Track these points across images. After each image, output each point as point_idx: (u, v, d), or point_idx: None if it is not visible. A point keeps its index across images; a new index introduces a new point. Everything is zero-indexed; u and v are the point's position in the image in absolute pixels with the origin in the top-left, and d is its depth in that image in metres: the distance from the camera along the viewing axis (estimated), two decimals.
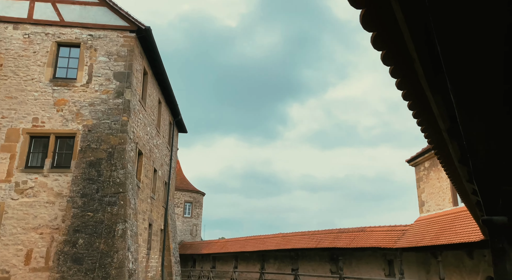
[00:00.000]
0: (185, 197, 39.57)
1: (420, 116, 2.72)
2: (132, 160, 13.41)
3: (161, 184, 19.14)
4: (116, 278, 10.77)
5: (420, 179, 19.75)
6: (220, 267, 33.30)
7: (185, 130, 24.14)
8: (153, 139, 17.09)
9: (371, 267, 21.24)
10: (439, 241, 14.94)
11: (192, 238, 39.01)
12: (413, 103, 2.52)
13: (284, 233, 27.57)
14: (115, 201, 11.86)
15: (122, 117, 13.08)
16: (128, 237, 11.60)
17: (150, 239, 16.42)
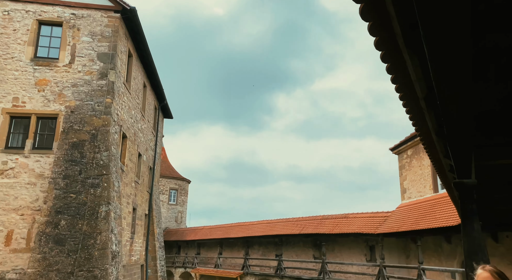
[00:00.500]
0: (171, 184, 39.45)
1: (398, 81, 2.77)
2: (116, 142, 13.27)
3: (146, 169, 19.03)
4: (99, 259, 10.74)
5: (403, 167, 20.13)
6: (205, 253, 33.51)
7: (171, 115, 23.95)
8: (137, 123, 16.92)
9: (353, 253, 21.69)
10: (419, 226, 15.33)
11: (177, 225, 39.05)
12: (392, 66, 2.57)
13: (269, 220, 27.85)
14: (99, 183, 11.76)
15: (106, 99, 12.89)
16: (111, 219, 11.55)
17: (134, 223, 16.37)
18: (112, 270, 11.03)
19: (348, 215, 21.74)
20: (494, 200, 6.26)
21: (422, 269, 14.83)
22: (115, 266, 11.32)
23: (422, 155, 17.93)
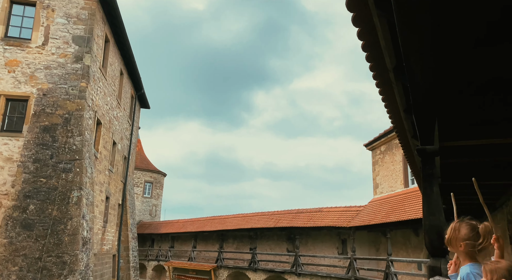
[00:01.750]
0: (146, 177, 38.91)
1: (369, 48, 2.88)
2: (90, 128, 12.99)
3: (120, 158, 18.71)
4: (69, 245, 10.53)
5: (376, 162, 20.64)
6: (179, 246, 33.28)
7: (148, 105, 23.61)
8: (113, 110, 16.61)
9: (325, 246, 22.09)
10: (389, 219, 15.78)
11: (151, 218, 38.59)
12: (362, 30, 2.67)
13: (244, 214, 27.95)
14: (71, 168, 11.50)
15: (80, 83, 12.60)
16: (83, 205, 11.32)
17: (107, 212, 16.09)
18: (83, 257, 10.83)
19: (322, 209, 22.11)
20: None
21: (390, 261, 15.29)
22: (85, 252, 11.11)
23: (395, 151, 18.45)
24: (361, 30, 2.65)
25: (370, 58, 3.01)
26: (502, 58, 2.91)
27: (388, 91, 3.58)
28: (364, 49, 2.90)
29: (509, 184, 6.45)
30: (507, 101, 3.65)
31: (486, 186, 6.75)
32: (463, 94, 3.25)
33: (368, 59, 3.04)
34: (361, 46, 2.87)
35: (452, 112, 3.51)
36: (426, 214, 2.83)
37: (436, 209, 2.71)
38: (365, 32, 2.65)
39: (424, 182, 2.89)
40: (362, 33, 2.67)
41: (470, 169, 5.89)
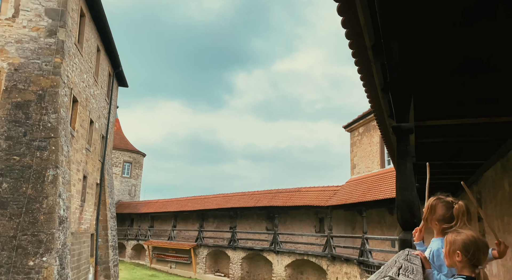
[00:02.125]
0: (124, 157, 38.43)
1: (349, 25, 2.87)
2: (65, 105, 12.61)
3: (98, 137, 18.35)
4: (45, 223, 10.37)
5: (354, 143, 21.01)
6: (159, 226, 33.36)
7: (126, 84, 23.06)
8: (90, 88, 16.15)
9: (303, 224, 22.61)
10: (365, 198, 16.23)
11: (131, 198, 38.37)
12: (342, 6, 2.65)
13: (224, 194, 28.15)
14: (46, 146, 11.20)
15: (54, 58, 12.12)
16: (59, 184, 11.11)
17: (84, 191, 15.87)
18: (59, 235, 10.71)
19: (301, 189, 22.50)
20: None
21: (365, 238, 15.81)
22: (62, 231, 10.99)
23: (373, 132, 18.79)
24: (341, 5, 2.64)
25: (349, 35, 3.01)
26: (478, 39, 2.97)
27: (366, 69, 3.60)
28: (343, 25, 2.89)
29: (479, 163, 6.70)
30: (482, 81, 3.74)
31: (458, 165, 6.99)
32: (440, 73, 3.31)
33: (348, 36, 3.04)
34: (340, 22, 2.86)
35: (428, 91, 3.58)
36: (398, 189, 2.92)
37: (409, 185, 2.81)
38: (345, 8, 2.64)
39: (398, 159, 2.97)
40: (342, 8, 2.66)
41: (443, 148, 6.08)
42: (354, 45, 3.17)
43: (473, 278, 1.88)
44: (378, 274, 1.08)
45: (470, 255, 1.81)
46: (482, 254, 1.85)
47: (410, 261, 1.49)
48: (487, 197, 7.19)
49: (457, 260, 1.86)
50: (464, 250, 1.82)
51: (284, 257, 20.86)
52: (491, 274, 7.20)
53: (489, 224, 2.32)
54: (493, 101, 4.04)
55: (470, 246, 1.82)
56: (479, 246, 1.85)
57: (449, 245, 1.89)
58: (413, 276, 1.00)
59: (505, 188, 5.70)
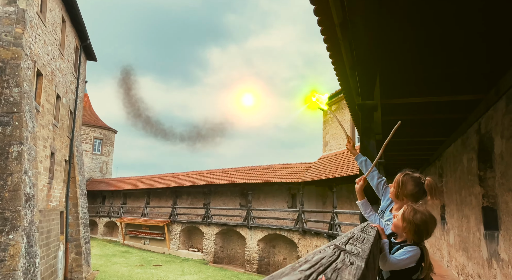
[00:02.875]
0: (95, 133, 37.43)
1: (317, 2, 2.86)
2: (29, 79, 12.03)
3: (66, 113, 17.71)
4: (10, 201, 10.08)
5: (326, 121, 21.33)
6: (132, 203, 33.13)
7: (95, 57, 22.16)
8: (55, 61, 15.42)
9: (276, 200, 23.07)
10: (335, 174, 16.68)
11: (102, 175, 37.70)
12: None
13: (199, 171, 28.14)
14: (8, 121, 10.73)
15: (15, 28, 11.43)
16: (24, 161, 10.74)
17: (52, 168, 15.43)
18: (26, 213, 10.45)
19: (274, 165, 22.80)
20: None
21: (335, 213, 16.36)
22: (29, 209, 10.73)
23: (344, 110, 19.10)
24: None
25: (318, 11, 3.01)
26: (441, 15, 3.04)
27: (335, 47, 3.62)
28: (312, 2, 2.88)
29: (442, 140, 7.00)
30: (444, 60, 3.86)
31: (423, 142, 7.28)
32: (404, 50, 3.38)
33: (316, 12, 3.03)
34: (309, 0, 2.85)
35: (393, 69, 3.66)
36: None
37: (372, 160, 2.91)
38: None
39: (362, 135, 3.06)
40: None
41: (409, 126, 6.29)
42: (323, 22, 3.17)
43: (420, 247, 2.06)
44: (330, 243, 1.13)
45: (418, 235, 2.02)
46: (428, 234, 2.06)
47: (365, 232, 1.58)
48: (448, 172, 7.56)
49: (407, 235, 2.04)
50: (415, 231, 2.01)
51: (257, 232, 21.33)
52: (449, 244, 7.67)
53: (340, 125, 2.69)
54: (454, 79, 4.19)
55: (421, 227, 2.00)
56: (429, 227, 2.04)
57: (404, 222, 2.03)
58: (360, 245, 1.06)
59: (464, 164, 6.01)
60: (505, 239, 4.22)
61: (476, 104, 4.74)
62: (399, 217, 2.09)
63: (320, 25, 3.33)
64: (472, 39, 3.43)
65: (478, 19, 3.06)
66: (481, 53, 3.70)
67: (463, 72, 4.12)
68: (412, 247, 2.04)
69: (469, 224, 5.90)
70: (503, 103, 4.00)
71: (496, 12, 2.99)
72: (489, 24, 3.15)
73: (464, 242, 6.32)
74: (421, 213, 2.04)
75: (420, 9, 2.79)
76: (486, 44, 3.55)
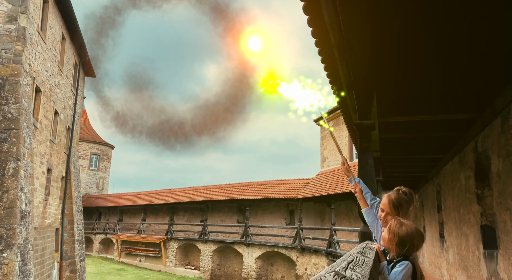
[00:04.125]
0: (92, 149, 37.32)
1: (314, 24, 2.92)
2: (27, 95, 12.07)
3: (63, 129, 17.71)
4: (6, 218, 9.96)
5: (324, 137, 21.39)
6: (128, 219, 32.77)
7: (93, 73, 22.31)
8: (54, 78, 15.51)
9: (274, 217, 22.89)
10: (334, 191, 16.62)
11: (99, 191, 37.39)
12: (307, 5, 2.70)
13: (196, 187, 27.99)
14: (6, 137, 10.71)
15: (15, 45, 11.54)
16: (21, 177, 10.67)
17: (49, 184, 15.32)
18: (21, 230, 10.32)
19: (272, 181, 22.72)
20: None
21: (334, 230, 16.23)
22: (24, 226, 10.59)
23: (342, 126, 19.19)
24: (306, 5, 2.68)
25: (315, 33, 3.07)
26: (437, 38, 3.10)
27: (332, 67, 3.68)
28: (309, 24, 2.94)
29: (439, 158, 7.02)
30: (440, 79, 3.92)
31: (420, 160, 7.30)
32: (400, 72, 3.43)
33: (313, 34, 3.09)
34: (306, 21, 2.91)
35: (390, 89, 3.71)
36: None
37: (370, 180, 2.92)
38: (310, 7, 2.69)
39: (360, 154, 3.08)
40: (307, 8, 2.71)
41: (406, 143, 6.32)
42: (320, 43, 3.23)
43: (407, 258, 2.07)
44: (330, 268, 1.13)
45: (405, 249, 2.03)
46: (415, 248, 2.07)
47: (364, 254, 1.57)
48: (446, 190, 7.55)
49: (393, 247, 2.06)
50: (400, 244, 2.02)
51: (254, 249, 21.07)
52: (448, 262, 7.60)
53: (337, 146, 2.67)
54: (450, 98, 4.24)
55: (406, 240, 2.02)
56: (414, 240, 2.05)
57: (390, 233, 2.06)
58: (360, 270, 1.06)
59: (461, 181, 6.02)
60: (504, 259, 4.20)
61: (472, 122, 4.78)
62: (386, 230, 2.11)
63: (318, 46, 3.39)
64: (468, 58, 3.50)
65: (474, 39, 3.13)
66: (477, 72, 3.77)
67: (459, 91, 4.18)
68: (404, 263, 2.05)
69: (468, 243, 5.87)
70: (499, 122, 4.04)
71: (491, 32, 3.06)
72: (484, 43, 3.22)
73: (463, 260, 6.27)
74: (407, 226, 2.07)
75: (415, 30, 2.86)
76: (481, 64, 3.62)
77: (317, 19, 2.86)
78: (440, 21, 2.88)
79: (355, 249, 2.09)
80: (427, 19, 2.81)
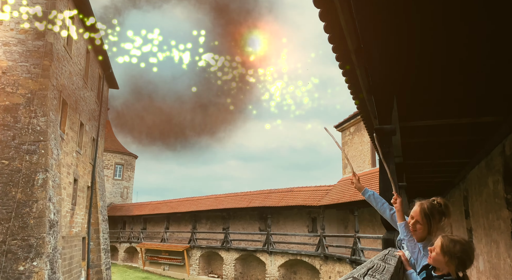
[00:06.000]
0: (116, 159, 38.19)
1: (331, 30, 2.93)
2: (55, 108, 12.54)
3: (89, 140, 18.23)
4: (35, 228, 10.30)
5: (345, 143, 21.15)
6: (151, 228, 33.20)
7: (116, 85, 22.94)
8: (79, 91, 16.05)
9: (296, 224, 22.69)
10: (357, 197, 16.35)
11: (123, 200, 38.12)
12: (323, 12, 2.71)
13: (217, 195, 28.12)
14: (35, 149, 11.12)
15: (43, 61, 12.04)
16: (49, 188, 11.04)
17: (75, 194, 15.76)
18: (50, 239, 10.64)
19: (293, 189, 22.58)
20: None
21: (357, 237, 15.93)
22: (53, 235, 10.92)
23: (363, 132, 18.93)
24: (322, 11, 2.70)
25: (332, 39, 3.07)
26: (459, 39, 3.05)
27: (351, 72, 3.67)
28: (326, 30, 2.95)
29: (465, 162, 6.81)
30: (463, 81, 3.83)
31: (444, 164, 7.11)
32: (421, 75, 3.38)
33: (330, 40, 3.09)
34: (323, 27, 2.92)
35: (411, 93, 3.65)
36: (381, 191, 2.99)
37: (391, 186, 2.87)
38: (326, 13, 2.70)
39: (381, 160, 3.03)
40: (323, 14, 2.72)
41: (430, 148, 6.17)
42: (337, 49, 3.23)
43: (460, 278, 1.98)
44: (349, 274, 1.12)
45: (462, 266, 1.94)
46: (471, 261, 1.97)
47: (386, 261, 1.55)
48: (473, 195, 7.31)
49: (450, 268, 1.96)
50: (460, 265, 1.94)
51: (277, 257, 20.91)
52: (478, 270, 7.33)
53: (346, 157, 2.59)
54: (474, 101, 4.13)
55: (464, 257, 1.94)
56: (470, 255, 1.96)
57: (446, 256, 1.94)
58: (379, 276, 1.05)
59: (489, 186, 5.82)
60: None
61: (498, 125, 4.64)
62: (438, 251, 1.99)
63: (335, 52, 3.39)
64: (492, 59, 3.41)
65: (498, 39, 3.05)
66: (502, 74, 3.66)
67: (483, 93, 4.07)
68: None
69: (499, 250, 5.64)
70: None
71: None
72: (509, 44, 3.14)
73: (494, 268, 6.03)
74: (460, 243, 1.97)
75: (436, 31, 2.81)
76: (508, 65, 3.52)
77: (333, 25, 2.87)
78: (462, 21, 2.83)
79: (377, 256, 2.05)
80: (448, 19, 2.77)
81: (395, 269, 1.34)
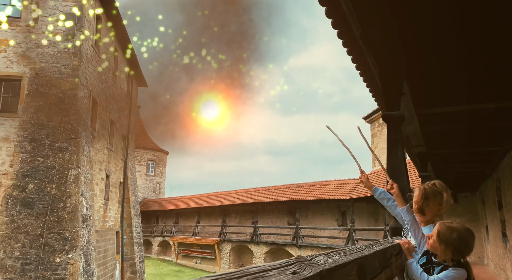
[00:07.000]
0: (148, 155, 39.25)
1: (333, 15, 2.84)
2: (85, 107, 13.03)
3: (120, 137, 18.83)
4: (69, 222, 10.79)
5: (375, 135, 20.63)
6: (183, 222, 33.97)
7: (145, 84, 23.50)
8: (109, 89, 16.57)
9: (325, 218, 22.46)
10: None
11: (156, 195, 39.20)
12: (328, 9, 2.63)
13: (245, 189, 28.31)
14: (67, 147, 11.62)
15: (73, 61, 12.52)
16: (81, 183, 11.51)
17: (108, 190, 16.35)
18: (83, 233, 11.11)
19: (322, 182, 22.33)
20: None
21: (387, 230, 15.55)
22: (86, 229, 11.40)
23: None
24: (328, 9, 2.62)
25: (335, 24, 2.98)
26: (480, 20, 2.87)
27: (360, 58, 3.55)
28: (327, 15, 2.86)
29: (495, 150, 6.46)
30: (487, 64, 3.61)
31: (472, 153, 6.77)
32: (433, 57, 3.22)
33: (334, 25, 3.00)
34: (324, 12, 2.83)
35: (424, 78, 3.49)
36: (390, 177, 2.88)
37: (399, 173, 2.75)
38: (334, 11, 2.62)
39: (388, 147, 2.92)
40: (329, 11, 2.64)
41: (456, 136, 5.89)
42: (343, 34, 3.13)
43: (461, 265, 1.91)
44: None
45: (459, 253, 1.91)
46: (469, 249, 1.92)
47: (370, 246, 1.49)
48: (506, 185, 6.93)
49: (447, 255, 1.92)
50: (456, 252, 1.90)
51: (306, 251, 20.80)
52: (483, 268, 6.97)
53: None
54: (498, 84, 3.89)
55: (461, 245, 1.89)
56: (468, 242, 1.91)
57: (442, 244, 1.90)
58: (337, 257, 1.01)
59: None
60: None
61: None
62: (434, 239, 1.94)
63: (341, 38, 3.28)
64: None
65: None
66: None
67: (507, 76, 3.83)
68: (458, 270, 1.90)
69: None
70: None
71: None
72: None
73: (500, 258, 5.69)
74: (457, 230, 1.91)
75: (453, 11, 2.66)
76: None
77: (336, 9, 2.78)
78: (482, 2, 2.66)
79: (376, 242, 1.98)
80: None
81: (373, 253, 1.28)
